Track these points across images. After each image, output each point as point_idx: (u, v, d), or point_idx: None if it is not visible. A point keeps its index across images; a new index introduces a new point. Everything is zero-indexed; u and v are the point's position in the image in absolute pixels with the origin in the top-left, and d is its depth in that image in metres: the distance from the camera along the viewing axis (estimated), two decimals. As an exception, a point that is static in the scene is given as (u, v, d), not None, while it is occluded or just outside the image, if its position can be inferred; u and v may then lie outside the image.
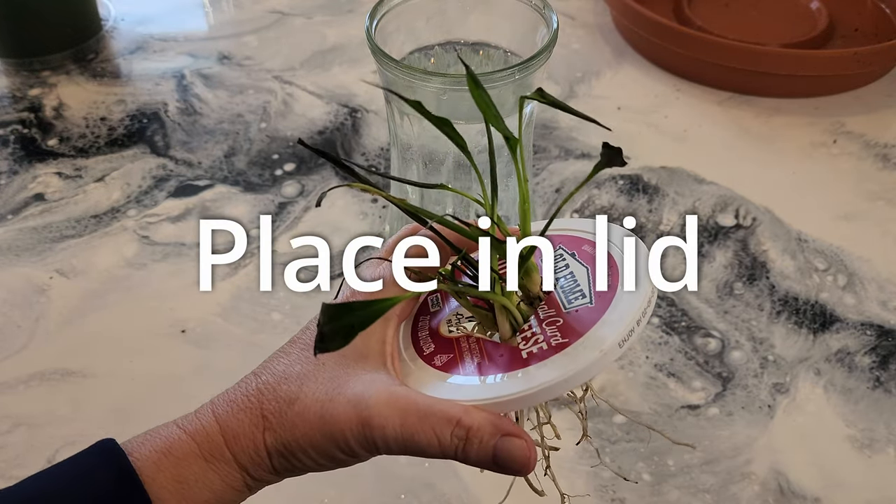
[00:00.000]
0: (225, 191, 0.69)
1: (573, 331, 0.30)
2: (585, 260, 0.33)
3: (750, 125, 0.76)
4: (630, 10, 0.80)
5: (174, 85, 0.81)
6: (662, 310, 0.59)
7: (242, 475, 0.29)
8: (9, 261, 0.63)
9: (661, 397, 0.54)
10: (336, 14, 0.92)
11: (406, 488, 0.49)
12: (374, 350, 0.30)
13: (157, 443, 0.28)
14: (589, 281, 0.32)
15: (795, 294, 0.60)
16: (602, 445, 0.51)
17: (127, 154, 0.73)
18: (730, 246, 0.64)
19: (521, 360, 0.30)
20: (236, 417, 0.29)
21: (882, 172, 0.71)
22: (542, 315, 0.32)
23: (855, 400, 0.54)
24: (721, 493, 0.49)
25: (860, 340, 0.57)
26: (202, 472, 0.28)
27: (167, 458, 0.28)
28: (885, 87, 0.81)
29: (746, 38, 0.78)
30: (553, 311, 0.31)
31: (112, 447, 0.28)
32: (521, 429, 0.29)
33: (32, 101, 0.79)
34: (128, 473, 0.26)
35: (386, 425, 0.27)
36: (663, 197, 0.68)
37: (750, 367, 0.55)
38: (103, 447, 0.28)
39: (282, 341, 0.58)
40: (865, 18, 0.87)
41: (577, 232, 0.35)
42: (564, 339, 0.30)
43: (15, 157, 0.72)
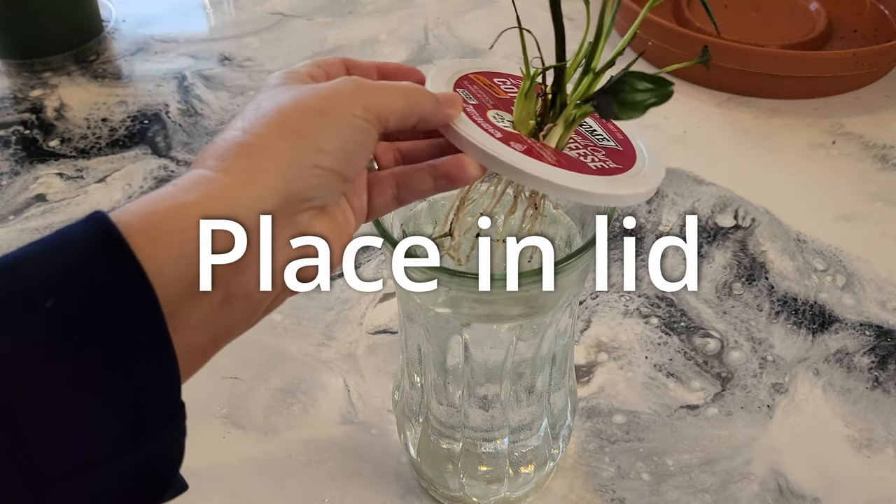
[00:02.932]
0: (226, 192, 0.69)
1: (618, 159, 0.33)
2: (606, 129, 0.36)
3: (749, 126, 0.76)
4: (630, 11, 0.81)
5: (175, 86, 0.81)
6: (662, 310, 0.59)
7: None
8: (10, 261, 0.63)
9: (660, 397, 0.54)
10: (337, 15, 0.92)
11: (406, 489, 0.49)
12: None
13: (150, 204, 0.25)
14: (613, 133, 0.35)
15: (794, 294, 0.61)
16: (601, 445, 0.51)
17: (128, 155, 0.73)
18: (729, 246, 0.64)
19: (583, 165, 0.32)
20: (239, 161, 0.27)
21: (881, 173, 0.71)
22: (577, 139, 0.34)
23: (854, 400, 0.54)
24: (720, 493, 0.49)
25: (859, 341, 0.57)
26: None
27: (165, 217, 0.25)
28: (884, 87, 0.81)
29: (746, 40, 0.78)
30: (588, 141, 0.34)
31: (100, 215, 0.24)
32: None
33: (34, 102, 0.79)
34: (115, 240, 0.23)
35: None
36: (663, 198, 0.68)
37: (749, 367, 0.56)
38: (94, 217, 0.24)
39: (282, 341, 0.58)
40: (864, 20, 0.87)
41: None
42: (617, 164, 0.33)
43: (16, 158, 0.73)
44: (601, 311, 0.59)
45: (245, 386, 0.55)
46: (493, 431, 0.43)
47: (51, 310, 0.21)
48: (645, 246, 0.64)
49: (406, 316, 0.40)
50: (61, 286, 0.22)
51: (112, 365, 0.23)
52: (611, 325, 0.58)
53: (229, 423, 0.53)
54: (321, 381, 0.55)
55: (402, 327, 0.42)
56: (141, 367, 0.23)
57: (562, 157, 0.32)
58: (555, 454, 0.46)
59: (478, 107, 0.33)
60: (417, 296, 0.36)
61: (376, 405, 0.54)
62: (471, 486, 0.45)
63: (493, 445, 0.44)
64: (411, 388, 0.44)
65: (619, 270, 0.62)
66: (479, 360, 0.39)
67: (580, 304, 0.59)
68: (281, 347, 0.57)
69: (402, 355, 0.44)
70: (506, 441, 0.43)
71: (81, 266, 0.22)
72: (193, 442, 0.31)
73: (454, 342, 0.39)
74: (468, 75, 0.35)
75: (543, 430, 0.44)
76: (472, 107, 0.33)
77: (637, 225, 0.66)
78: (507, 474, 0.45)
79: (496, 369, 0.39)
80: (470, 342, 0.38)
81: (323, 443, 0.52)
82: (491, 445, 0.44)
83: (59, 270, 0.22)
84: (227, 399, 0.54)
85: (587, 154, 0.33)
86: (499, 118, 0.33)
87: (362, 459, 0.51)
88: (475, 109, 0.33)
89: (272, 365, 0.56)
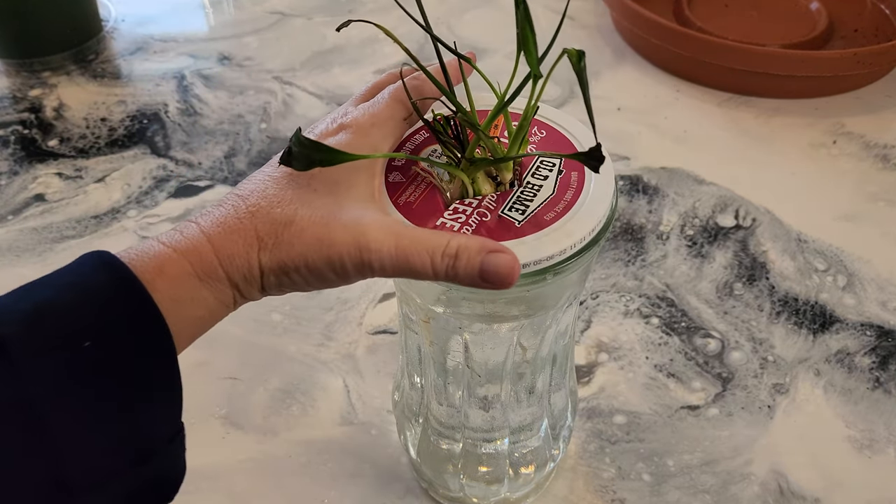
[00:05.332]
0: (225, 191, 0.69)
1: (488, 233, 0.32)
2: (561, 183, 0.34)
3: (749, 126, 0.76)
4: (630, 10, 0.80)
5: (174, 86, 0.81)
6: (662, 310, 0.59)
7: (233, 292, 0.30)
8: (9, 261, 0.63)
9: (660, 398, 0.54)
10: (336, 15, 0.92)
11: (406, 489, 0.49)
12: (363, 183, 0.32)
13: (148, 261, 0.28)
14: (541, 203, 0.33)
15: (795, 294, 0.60)
16: (602, 445, 0.51)
17: (127, 155, 0.73)
18: (729, 246, 0.64)
19: (431, 221, 0.32)
20: (230, 238, 0.30)
21: (882, 173, 0.71)
22: (486, 202, 0.33)
23: (855, 400, 0.54)
24: (721, 493, 0.49)
25: (860, 341, 0.57)
26: (196, 291, 0.29)
27: (161, 277, 0.28)
28: (885, 87, 0.81)
29: (746, 39, 0.78)
30: (494, 206, 0.33)
31: (111, 260, 0.28)
32: (505, 246, 0.30)
33: (33, 102, 0.79)
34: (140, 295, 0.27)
35: (382, 249, 0.30)
36: (663, 197, 0.68)
37: (750, 367, 0.56)
38: (103, 261, 0.28)
39: (282, 341, 0.57)
40: (865, 19, 0.87)
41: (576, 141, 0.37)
42: (475, 232, 0.32)
43: (15, 158, 0.73)
44: (601, 311, 0.59)
45: (244, 386, 0.54)
46: (494, 432, 0.43)
47: (88, 348, 0.26)
48: (645, 246, 0.64)
49: (406, 316, 0.40)
50: (96, 331, 0.26)
51: (132, 392, 0.27)
52: (611, 325, 0.58)
53: (229, 423, 0.53)
54: (321, 382, 0.55)
55: (402, 328, 0.42)
56: (154, 395, 0.27)
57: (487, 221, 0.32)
58: (555, 455, 0.46)
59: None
60: (417, 296, 0.36)
61: (376, 405, 0.53)
62: (471, 486, 0.45)
63: (494, 446, 0.43)
64: (411, 388, 0.44)
65: (619, 270, 0.62)
66: (479, 361, 0.39)
67: (580, 304, 0.59)
68: (280, 348, 0.57)
69: (402, 355, 0.44)
70: (506, 442, 0.43)
71: (108, 311, 0.27)
72: (193, 442, 0.31)
73: (454, 342, 0.38)
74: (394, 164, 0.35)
75: (544, 430, 0.44)
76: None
77: (637, 225, 0.66)
78: (508, 475, 0.45)
79: (496, 370, 0.39)
80: (470, 343, 0.38)
81: (322, 443, 0.51)
82: (491, 446, 0.43)
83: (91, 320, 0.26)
84: (226, 399, 0.54)
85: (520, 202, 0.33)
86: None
87: (362, 460, 0.51)
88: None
89: (272, 365, 0.56)
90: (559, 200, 0.33)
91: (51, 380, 0.25)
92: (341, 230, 0.30)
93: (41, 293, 0.27)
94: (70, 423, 0.25)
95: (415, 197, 0.33)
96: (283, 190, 0.31)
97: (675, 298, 0.60)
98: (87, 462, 0.26)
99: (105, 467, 0.26)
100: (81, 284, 0.27)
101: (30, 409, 0.24)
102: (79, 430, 0.25)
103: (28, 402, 0.24)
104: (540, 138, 0.36)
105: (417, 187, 0.34)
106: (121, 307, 0.27)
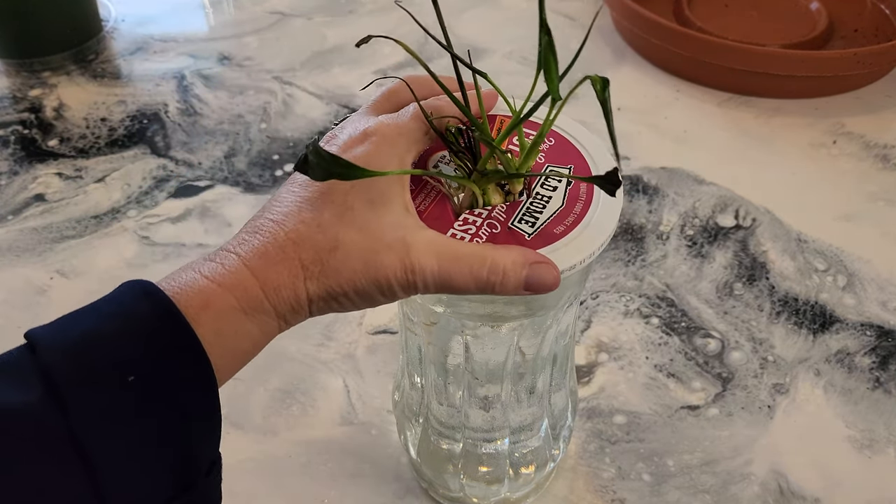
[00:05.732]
0: (225, 191, 0.69)
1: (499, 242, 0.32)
2: (570, 195, 0.34)
3: (750, 126, 0.76)
4: (630, 10, 0.80)
5: (174, 86, 0.81)
6: (662, 310, 0.59)
7: (279, 322, 0.30)
8: (9, 261, 0.63)
9: (660, 398, 0.54)
10: (336, 15, 0.92)
11: (406, 489, 0.49)
12: (397, 195, 0.31)
13: (193, 296, 0.28)
14: (550, 215, 0.33)
15: (795, 294, 0.60)
16: (602, 445, 0.51)
17: (127, 155, 0.73)
18: (729, 246, 0.64)
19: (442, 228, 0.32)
20: (274, 270, 0.29)
21: (882, 173, 0.71)
22: (496, 213, 0.33)
23: (855, 400, 0.54)
24: (721, 493, 0.49)
25: (860, 341, 0.57)
26: (241, 325, 0.29)
27: (206, 311, 0.28)
28: (885, 87, 0.81)
29: (746, 39, 0.78)
30: (504, 217, 0.33)
31: (154, 291, 0.28)
32: (543, 255, 0.31)
33: (33, 102, 0.79)
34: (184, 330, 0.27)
35: (426, 269, 0.30)
36: (663, 197, 0.68)
37: (750, 367, 0.56)
38: (146, 291, 0.28)
39: (282, 341, 0.57)
40: (865, 19, 0.87)
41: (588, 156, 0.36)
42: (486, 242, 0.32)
43: (15, 158, 0.73)
44: (601, 311, 0.59)
45: (244, 386, 0.54)
46: (494, 432, 0.43)
47: (132, 381, 0.26)
48: (645, 246, 0.64)
49: (406, 316, 0.40)
50: (140, 364, 0.26)
51: (174, 427, 0.27)
52: (611, 325, 0.58)
53: (228, 423, 0.52)
54: (321, 382, 0.55)
55: (402, 328, 0.42)
56: (194, 427, 0.28)
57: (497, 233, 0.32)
58: (555, 455, 0.46)
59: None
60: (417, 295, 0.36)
61: (376, 405, 0.53)
62: (471, 486, 0.45)
63: (494, 446, 0.43)
64: (411, 388, 0.44)
65: (619, 270, 0.62)
66: (479, 361, 0.39)
67: (581, 304, 0.59)
68: (280, 348, 0.57)
69: (402, 355, 0.44)
70: (506, 442, 0.43)
71: (152, 345, 0.27)
72: (192, 443, 0.31)
73: (455, 343, 0.38)
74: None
75: (544, 430, 0.44)
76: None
77: (637, 225, 0.66)
78: (508, 475, 0.45)
79: (497, 370, 0.39)
80: (471, 342, 0.38)
81: (322, 443, 0.51)
82: (491, 446, 0.43)
83: (135, 353, 0.26)
84: (226, 399, 0.53)
85: (530, 214, 0.33)
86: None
87: (362, 460, 0.51)
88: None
89: (271, 365, 0.56)
90: (568, 213, 0.33)
91: (95, 411, 0.25)
92: (387, 252, 0.30)
93: (85, 322, 0.27)
94: (112, 454, 0.25)
95: (425, 206, 0.33)
96: (320, 212, 0.30)
97: (675, 298, 0.60)
98: (128, 494, 0.26)
99: (145, 499, 0.26)
100: (124, 314, 0.27)
101: (73, 439, 0.25)
102: (121, 462, 0.26)
103: (72, 433, 0.25)
104: (548, 146, 0.36)
105: (427, 196, 0.34)
106: (166, 341, 0.27)
